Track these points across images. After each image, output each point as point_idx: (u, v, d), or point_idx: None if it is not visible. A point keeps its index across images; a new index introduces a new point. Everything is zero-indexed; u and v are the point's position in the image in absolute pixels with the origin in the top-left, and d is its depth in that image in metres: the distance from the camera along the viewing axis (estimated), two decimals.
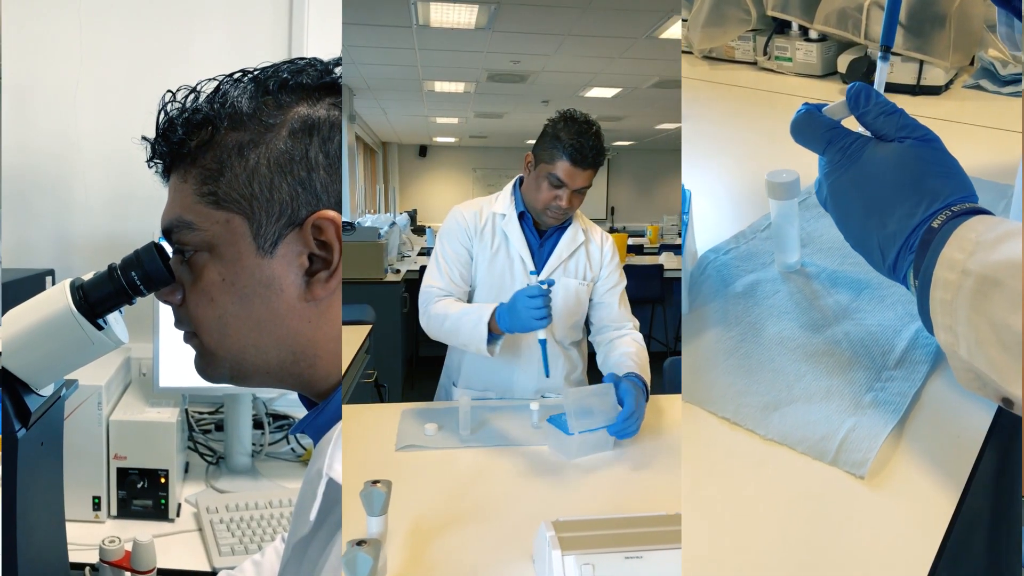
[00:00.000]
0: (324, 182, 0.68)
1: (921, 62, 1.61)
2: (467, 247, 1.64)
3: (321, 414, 0.73)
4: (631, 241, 6.42)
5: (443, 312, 1.55)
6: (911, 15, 1.57)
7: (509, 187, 1.68)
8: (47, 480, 0.81)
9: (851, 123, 0.84)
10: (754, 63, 1.80)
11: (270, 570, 1.02)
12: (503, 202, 1.66)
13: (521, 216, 1.64)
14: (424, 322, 1.60)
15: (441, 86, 8.00)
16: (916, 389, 0.83)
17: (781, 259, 1.05)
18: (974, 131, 1.49)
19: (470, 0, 4.94)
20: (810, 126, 0.84)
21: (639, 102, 8.06)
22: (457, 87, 8.01)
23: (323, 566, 0.69)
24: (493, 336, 1.48)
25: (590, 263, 1.69)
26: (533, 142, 1.65)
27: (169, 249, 0.72)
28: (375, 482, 0.92)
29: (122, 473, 1.38)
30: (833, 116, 0.84)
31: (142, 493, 1.38)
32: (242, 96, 0.68)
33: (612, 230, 9.28)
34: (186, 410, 1.58)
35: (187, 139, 0.68)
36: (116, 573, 1.18)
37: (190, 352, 0.73)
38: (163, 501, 1.39)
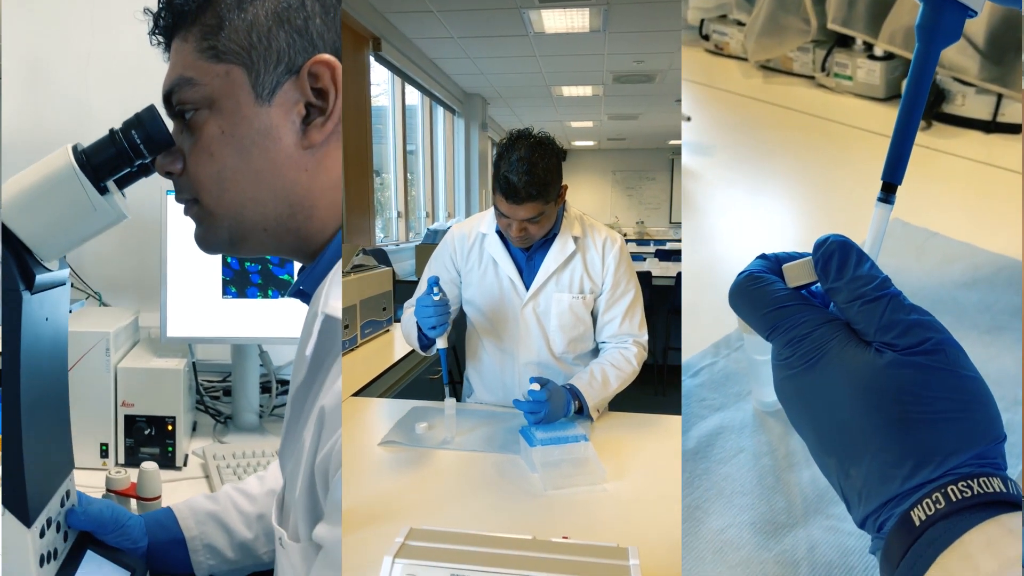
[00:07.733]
0: (320, 30, 0.70)
1: (999, 95, 1.37)
2: (449, 269, 1.67)
3: (318, 266, 0.75)
4: None
5: (403, 318, 1.66)
6: (991, 40, 1.34)
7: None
8: (50, 365, 0.81)
9: None
10: (812, 78, 1.64)
11: (274, 482, 1.04)
12: (487, 220, 1.63)
13: (501, 233, 1.60)
14: None
15: (569, 90, 8.10)
16: None
17: (758, 394, 0.80)
18: None
19: (579, 4, 4.93)
20: (750, 300, 0.54)
21: None
22: (585, 90, 8.07)
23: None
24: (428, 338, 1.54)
25: (589, 274, 1.59)
26: (672, 143, 1.59)
27: (169, 123, 0.74)
28: None
29: (129, 420, 1.40)
30: (792, 282, 0.54)
31: (149, 441, 1.41)
32: None
33: None
34: (193, 363, 1.60)
35: (189, 0, 0.70)
36: (123, 501, 1.19)
37: (198, 305, 0.75)
38: (170, 449, 1.41)
